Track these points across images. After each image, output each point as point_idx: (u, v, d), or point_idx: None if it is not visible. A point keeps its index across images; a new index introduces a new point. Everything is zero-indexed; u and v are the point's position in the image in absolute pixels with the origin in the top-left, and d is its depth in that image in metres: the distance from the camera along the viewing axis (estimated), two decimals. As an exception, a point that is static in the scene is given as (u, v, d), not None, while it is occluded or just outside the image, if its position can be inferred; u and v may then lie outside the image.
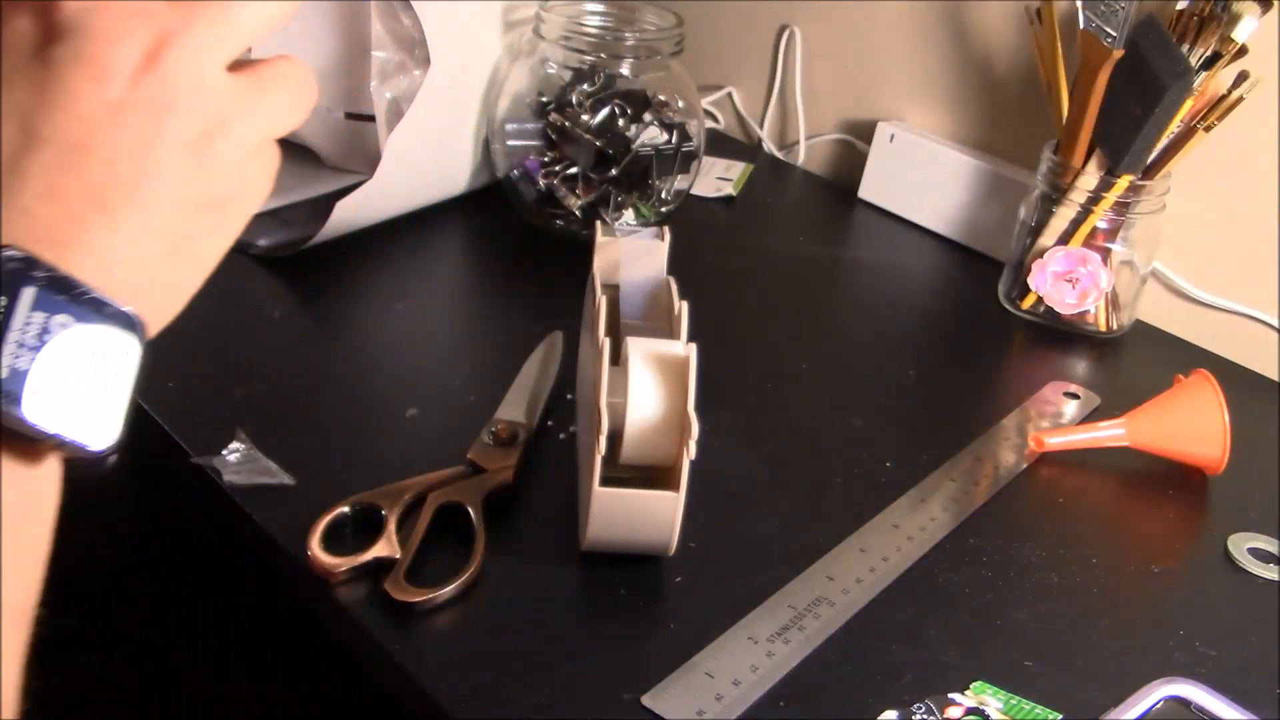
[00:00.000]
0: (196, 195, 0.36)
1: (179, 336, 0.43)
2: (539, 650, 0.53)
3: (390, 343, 0.76)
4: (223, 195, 0.37)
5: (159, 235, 0.35)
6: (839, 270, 0.94)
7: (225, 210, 0.38)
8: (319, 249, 0.81)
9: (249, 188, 0.38)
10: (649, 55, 0.86)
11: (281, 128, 0.39)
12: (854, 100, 1.07)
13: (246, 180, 0.38)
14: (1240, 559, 0.64)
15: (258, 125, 0.37)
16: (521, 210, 0.90)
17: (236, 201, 0.38)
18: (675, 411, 0.55)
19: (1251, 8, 0.76)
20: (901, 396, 0.76)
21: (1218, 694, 0.53)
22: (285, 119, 0.39)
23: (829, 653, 0.54)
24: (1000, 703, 0.52)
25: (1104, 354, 0.85)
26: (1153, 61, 0.77)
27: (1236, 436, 0.67)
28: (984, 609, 0.58)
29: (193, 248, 0.37)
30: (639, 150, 0.85)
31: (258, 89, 0.37)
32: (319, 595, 0.55)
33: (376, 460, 0.63)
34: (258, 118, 0.37)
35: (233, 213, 0.38)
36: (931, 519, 0.64)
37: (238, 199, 0.38)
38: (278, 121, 0.38)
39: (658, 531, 0.56)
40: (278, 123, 0.38)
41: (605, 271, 0.65)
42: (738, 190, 1.02)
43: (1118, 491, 0.70)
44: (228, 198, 0.37)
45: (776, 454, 0.68)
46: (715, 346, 0.66)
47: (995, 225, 0.95)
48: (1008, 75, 0.95)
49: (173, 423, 0.64)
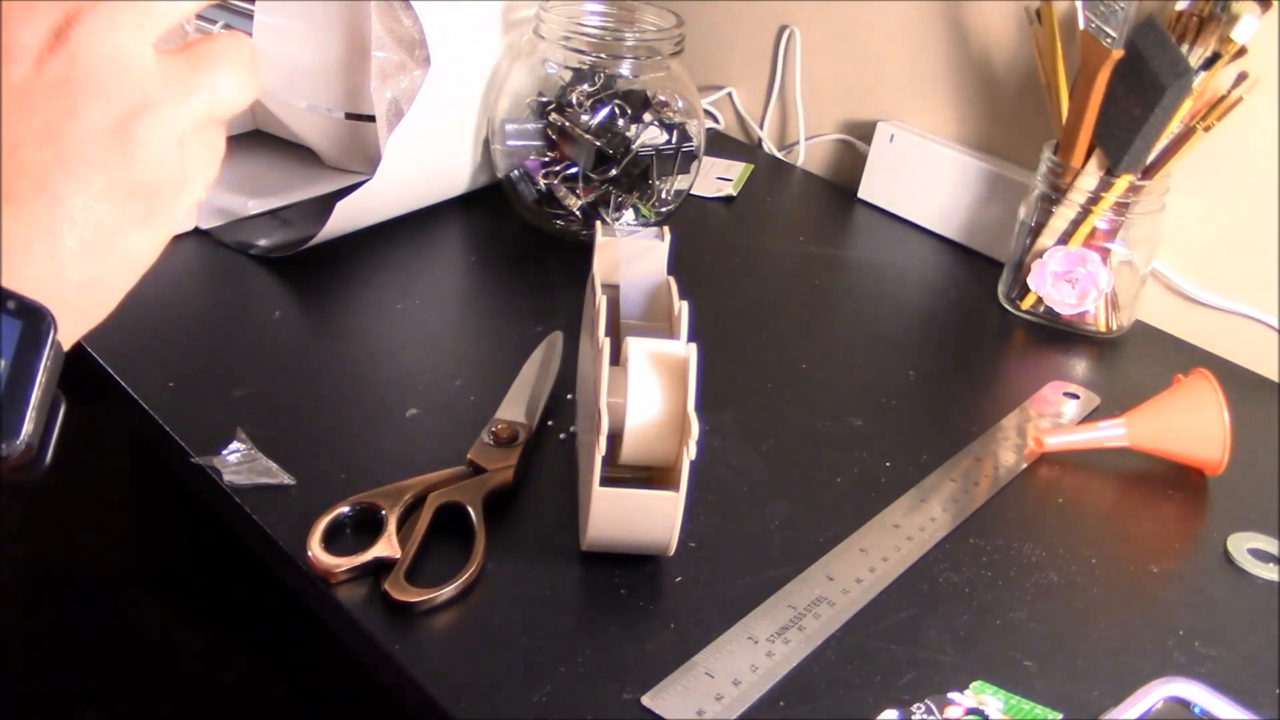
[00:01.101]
0: (120, 182, 0.33)
1: (179, 336, 0.43)
2: (539, 650, 0.53)
3: (390, 343, 0.76)
4: (152, 183, 0.34)
5: (74, 226, 0.33)
6: (839, 270, 0.94)
7: (157, 199, 0.35)
8: (319, 249, 0.81)
9: (186, 174, 0.36)
10: (649, 55, 0.86)
11: (224, 110, 0.36)
12: (854, 100, 1.07)
13: (184, 166, 0.35)
14: (1240, 559, 0.64)
15: (195, 107, 0.35)
16: (521, 210, 0.90)
17: (171, 190, 0.35)
18: (675, 411, 0.55)
19: (1251, 8, 0.76)
20: (901, 397, 0.76)
21: (1218, 694, 0.53)
22: (227, 100, 0.36)
23: (829, 653, 0.54)
24: (1000, 703, 0.52)
25: (1104, 354, 0.85)
26: (1152, 61, 0.77)
27: (1236, 436, 0.67)
28: (984, 609, 0.58)
29: (118, 240, 0.34)
30: (639, 150, 0.85)
31: (194, 68, 0.35)
32: (319, 595, 0.55)
33: (376, 460, 0.63)
34: (194, 99, 0.35)
35: (167, 202, 0.35)
36: (931, 519, 0.64)
37: (173, 187, 0.35)
38: (218, 103, 0.36)
39: (658, 531, 0.56)
40: (219, 105, 0.36)
41: (605, 271, 0.65)
42: (738, 190, 1.02)
43: (1118, 491, 0.70)
44: (159, 186, 0.35)
45: (776, 454, 0.68)
46: (715, 346, 0.66)
47: (995, 225, 0.95)
48: (1008, 75, 0.95)
49: (173, 423, 0.64)
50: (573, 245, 0.88)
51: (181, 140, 0.35)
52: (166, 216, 0.36)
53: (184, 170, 0.35)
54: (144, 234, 0.35)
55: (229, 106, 0.36)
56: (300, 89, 0.89)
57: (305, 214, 0.87)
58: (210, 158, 0.37)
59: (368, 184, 0.80)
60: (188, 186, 0.36)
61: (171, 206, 0.36)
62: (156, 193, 0.35)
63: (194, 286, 0.79)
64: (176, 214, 0.36)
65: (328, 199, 0.86)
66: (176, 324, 0.74)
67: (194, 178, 0.36)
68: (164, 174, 0.35)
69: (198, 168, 0.36)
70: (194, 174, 0.36)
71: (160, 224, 0.36)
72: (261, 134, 0.95)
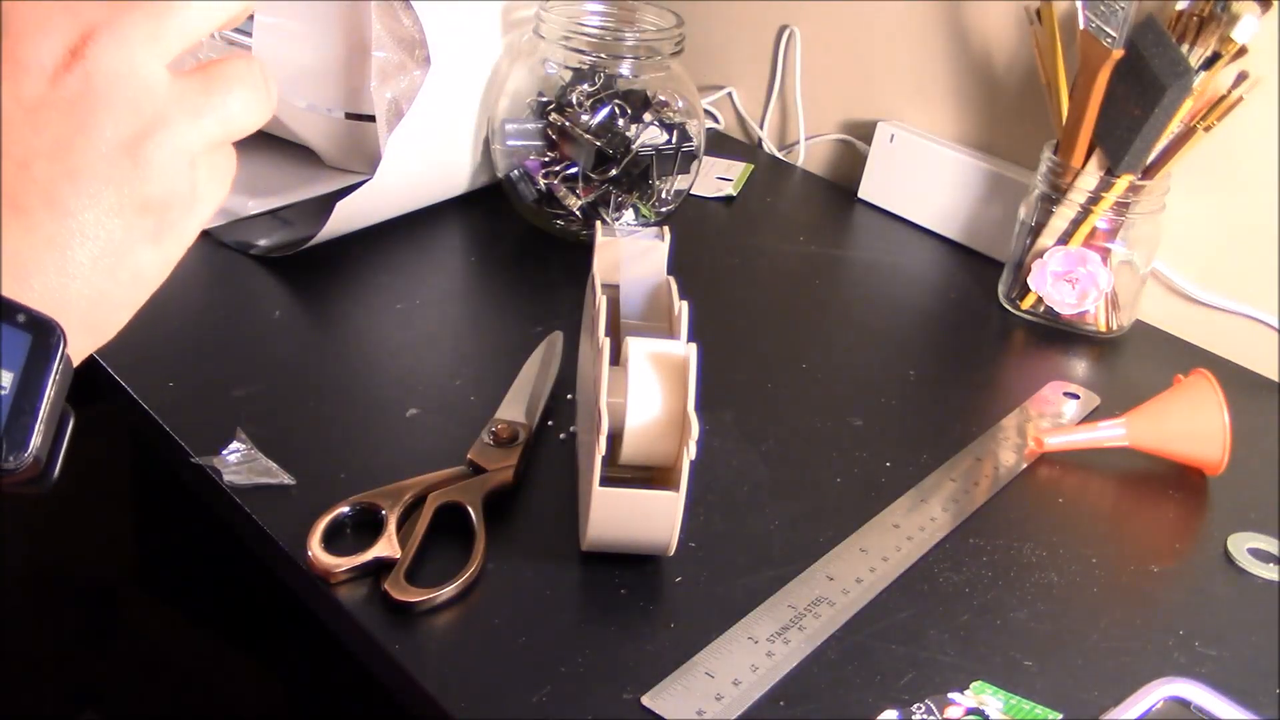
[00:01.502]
0: (131, 199, 0.34)
1: (179, 336, 0.43)
2: (539, 650, 0.53)
3: (390, 343, 0.76)
4: (163, 200, 0.35)
5: (84, 241, 0.33)
6: (839, 270, 0.94)
7: (167, 217, 0.35)
8: (319, 249, 0.81)
9: (197, 193, 0.36)
10: (649, 55, 0.86)
11: (236, 131, 0.36)
12: (854, 100, 1.07)
13: (194, 185, 0.36)
14: (1240, 559, 0.64)
15: (206, 127, 0.35)
16: (521, 210, 0.90)
17: (181, 207, 0.36)
18: (675, 411, 0.55)
19: (1251, 8, 0.76)
20: (901, 396, 0.76)
21: (1218, 694, 0.53)
22: (239, 121, 0.36)
23: (829, 653, 0.54)
24: (1000, 703, 0.52)
25: (1104, 354, 0.85)
26: (1152, 61, 0.77)
27: (1236, 436, 0.67)
28: (984, 609, 0.58)
29: (128, 256, 0.35)
30: (639, 150, 0.85)
31: (206, 89, 0.35)
32: (319, 595, 0.55)
33: (376, 460, 0.63)
34: (206, 119, 0.35)
35: (176, 219, 0.36)
36: (931, 519, 0.64)
37: (182, 205, 0.35)
38: (231, 124, 0.36)
39: (658, 531, 0.56)
40: (231, 125, 0.36)
41: (605, 271, 0.65)
42: (738, 190, 1.02)
43: (1118, 491, 0.70)
44: (169, 203, 0.35)
45: (776, 454, 0.68)
46: (715, 346, 0.66)
47: (995, 225, 0.95)
48: (1008, 75, 0.95)
49: (173, 423, 0.64)
50: (573, 245, 0.88)
51: (193, 159, 0.35)
52: (176, 234, 0.36)
53: (194, 188, 0.36)
54: (154, 251, 0.35)
55: (241, 127, 0.36)
56: (300, 89, 0.89)
57: (305, 214, 0.87)
58: (221, 179, 0.37)
59: (368, 184, 0.80)
60: (198, 205, 0.36)
61: (181, 224, 0.36)
62: (166, 210, 0.35)
63: (194, 286, 0.79)
64: (186, 232, 0.36)
65: (328, 199, 0.86)
66: (176, 324, 0.74)
67: (204, 197, 0.36)
68: (174, 192, 0.35)
69: (208, 187, 0.36)
70: (204, 193, 0.36)
71: (170, 241, 0.36)
72: (261, 134, 0.94)
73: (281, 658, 1.03)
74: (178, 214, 0.36)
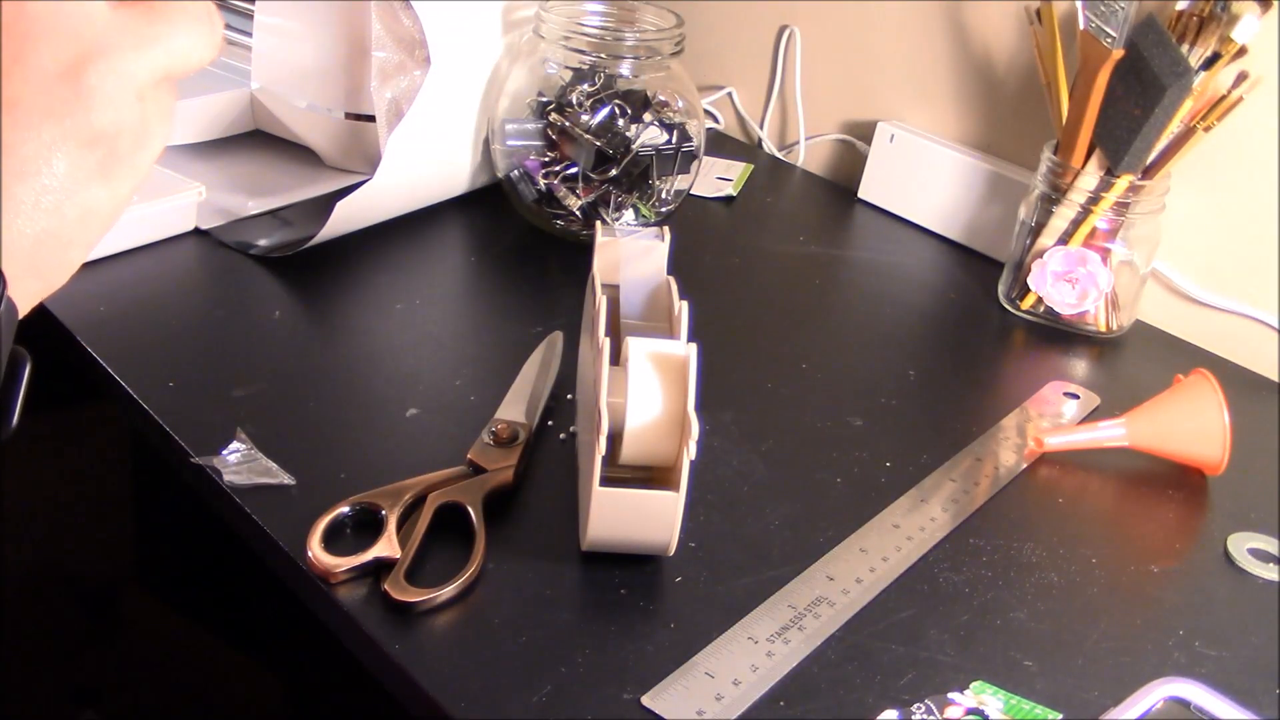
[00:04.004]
0: (74, 131, 0.32)
1: (179, 336, 0.43)
2: (539, 650, 0.53)
3: (390, 343, 0.76)
4: (109, 131, 0.33)
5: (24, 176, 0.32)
6: (839, 270, 0.94)
7: (115, 149, 0.34)
8: (319, 249, 0.81)
9: (147, 127, 0.35)
10: (649, 55, 0.86)
11: (181, 65, 0.35)
12: (854, 100, 1.07)
13: (143, 118, 0.34)
14: (1240, 559, 0.64)
15: (149, 59, 0.34)
16: (521, 210, 0.90)
17: (130, 139, 0.34)
18: (675, 411, 0.55)
19: (1251, 8, 0.76)
20: (901, 396, 0.76)
21: (1218, 694, 0.53)
22: (184, 55, 0.35)
23: (829, 653, 0.54)
24: (1000, 703, 0.52)
25: (1104, 354, 0.85)
26: (1153, 61, 0.77)
27: (1236, 436, 0.67)
28: (984, 609, 0.58)
29: (76, 192, 0.33)
30: (639, 150, 0.85)
31: (149, 19, 0.34)
32: (319, 595, 0.55)
33: (376, 460, 0.63)
34: (148, 51, 0.34)
35: (126, 153, 0.34)
36: (931, 519, 0.64)
37: (131, 136, 0.34)
38: (176, 57, 0.35)
39: (658, 531, 0.56)
40: (176, 58, 0.35)
41: (605, 271, 0.65)
42: (738, 190, 1.02)
43: (1118, 491, 0.70)
44: (116, 134, 0.34)
45: (776, 454, 0.68)
46: (715, 346, 0.66)
47: (995, 225, 0.95)
48: (1008, 75, 0.95)
49: (173, 423, 0.64)
50: (573, 245, 0.88)
51: (140, 91, 0.34)
52: (127, 168, 0.35)
53: (144, 121, 0.34)
54: (103, 186, 0.34)
55: (187, 63, 0.35)
56: (300, 89, 0.89)
57: (305, 214, 0.87)
58: (163, 114, 0.36)
59: (368, 184, 0.80)
60: (148, 139, 0.35)
61: (132, 158, 0.35)
62: (114, 142, 0.34)
63: (194, 286, 0.79)
64: (138, 166, 0.35)
65: (328, 199, 0.86)
66: (176, 324, 0.74)
67: (154, 132, 0.35)
68: (121, 123, 0.34)
69: (153, 122, 0.35)
70: (150, 128, 0.35)
71: (120, 176, 0.35)
72: (261, 134, 0.95)
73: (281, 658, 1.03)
74: (127, 147, 0.34)
